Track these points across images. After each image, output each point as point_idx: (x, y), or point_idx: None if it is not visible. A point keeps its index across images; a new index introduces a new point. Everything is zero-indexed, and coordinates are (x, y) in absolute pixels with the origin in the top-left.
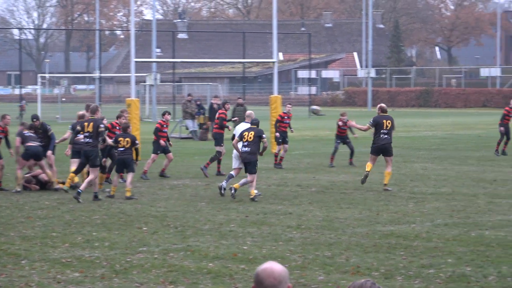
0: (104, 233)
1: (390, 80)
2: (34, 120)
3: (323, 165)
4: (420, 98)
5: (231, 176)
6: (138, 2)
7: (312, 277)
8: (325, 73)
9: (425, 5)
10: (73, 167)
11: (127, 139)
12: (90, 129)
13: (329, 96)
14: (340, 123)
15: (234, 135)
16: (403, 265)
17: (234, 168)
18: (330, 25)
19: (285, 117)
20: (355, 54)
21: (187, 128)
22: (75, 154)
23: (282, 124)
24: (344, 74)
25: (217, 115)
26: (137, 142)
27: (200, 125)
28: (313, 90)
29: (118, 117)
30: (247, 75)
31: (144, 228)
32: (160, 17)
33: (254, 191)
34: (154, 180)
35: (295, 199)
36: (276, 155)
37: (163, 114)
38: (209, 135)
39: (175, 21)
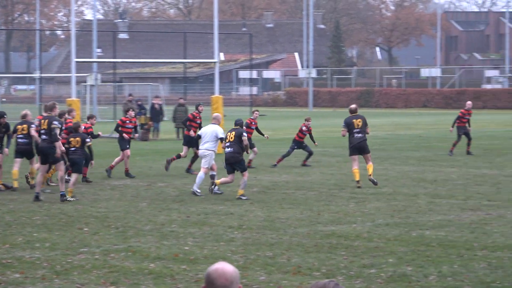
0: (44, 234)
1: (331, 81)
2: (4, 117)
3: (265, 165)
4: (361, 98)
5: (213, 175)
6: (79, 2)
7: (254, 277)
8: (266, 74)
9: (365, 6)
10: (16, 168)
11: (77, 138)
12: (45, 126)
13: (270, 97)
14: (304, 128)
15: (199, 136)
16: (344, 265)
17: (202, 167)
18: (271, 25)
19: (253, 123)
20: (296, 54)
21: None
22: (18, 154)
23: (249, 130)
24: (285, 75)
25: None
26: (87, 140)
27: (141, 125)
28: (254, 90)
29: (89, 118)
30: (188, 75)
31: (85, 229)
32: (100, 17)
33: (242, 190)
34: (95, 180)
35: (237, 199)
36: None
37: (127, 111)
38: (151, 135)
39: (116, 21)
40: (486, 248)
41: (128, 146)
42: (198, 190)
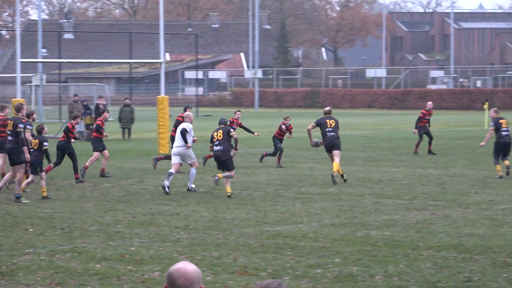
0: None
1: (277, 81)
2: None
3: (211, 166)
4: (307, 98)
5: (171, 174)
6: (24, 2)
7: None
8: (212, 74)
9: (311, 6)
10: None
11: (36, 140)
12: (10, 127)
13: (216, 97)
14: (283, 126)
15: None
16: (290, 265)
17: (173, 164)
18: (217, 25)
19: (234, 122)
20: (242, 54)
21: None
22: None
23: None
24: (231, 75)
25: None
26: (45, 144)
27: (87, 126)
28: (200, 90)
29: (75, 118)
30: (134, 76)
31: (31, 230)
32: (46, 17)
33: (229, 188)
34: (39, 182)
35: (183, 199)
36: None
37: (102, 113)
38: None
39: (61, 21)
40: (432, 248)
41: (101, 149)
42: (193, 186)
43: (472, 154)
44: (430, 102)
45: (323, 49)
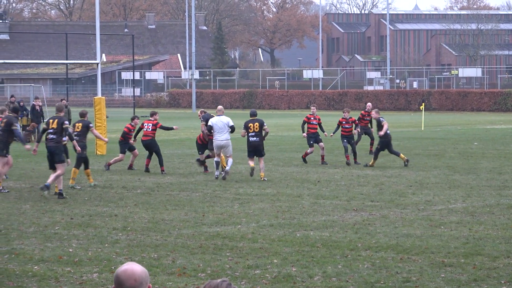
0: None
1: (214, 82)
2: None
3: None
4: (244, 99)
5: (218, 162)
6: None
7: None
8: (149, 75)
9: (247, 7)
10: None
11: None
12: (54, 125)
13: (154, 98)
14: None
15: (211, 126)
16: (229, 266)
17: (217, 154)
18: (153, 26)
19: (366, 115)
20: (178, 55)
21: None
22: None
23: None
24: (168, 76)
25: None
26: (64, 139)
27: (24, 127)
28: (137, 91)
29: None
30: (70, 77)
31: None
32: None
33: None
34: None
35: (121, 200)
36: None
37: (132, 119)
38: (33, 137)
39: None
40: (370, 249)
41: (126, 151)
42: (217, 173)
43: (409, 155)
44: (369, 103)
45: (260, 50)
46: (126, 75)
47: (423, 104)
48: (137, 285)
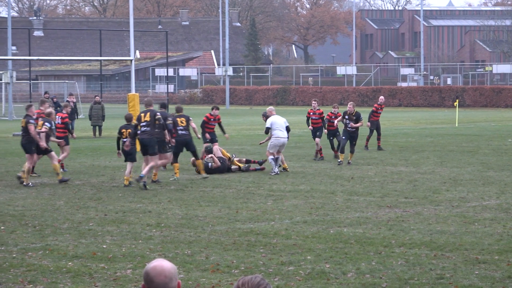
0: None
1: (248, 78)
2: None
3: (182, 163)
4: (278, 96)
5: (276, 159)
6: None
7: None
8: (183, 71)
9: (281, 4)
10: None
11: (129, 130)
12: (147, 118)
13: (187, 94)
14: None
15: (268, 128)
16: (262, 262)
17: (271, 153)
18: (187, 23)
19: (333, 116)
20: (212, 52)
21: None
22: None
23: (330, 122)
24: (201, 72)
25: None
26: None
27: None
28: (171, 88)
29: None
30: (104, 73)
31: (2, 228)
32: (15, 14)
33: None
34: (12, 179)
35: (155, 197)
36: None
37: (212, 109)
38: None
39: (30, 18)
40: (404, 245)
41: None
42: (276, 170)
43: (443, 151)
44: (382, 97)
45: (293, 47)
46: (160, 72)
47: (457, 100)
48: (167, 281)
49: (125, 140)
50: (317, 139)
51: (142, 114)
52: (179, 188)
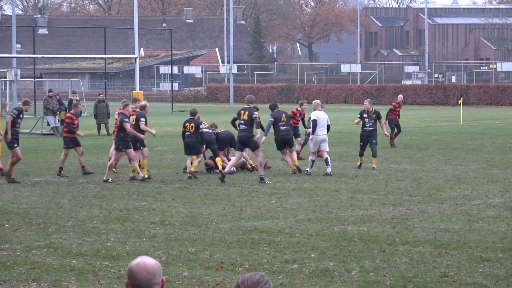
0: None
1: (252, 76)
2: None
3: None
4: (282, 94)
5: (313, 160)
6: None
7: (176, 273)
8: (187, 69)
9: (285, 2)
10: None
11: (192, 124)
12: (245, 117)
13: (191, 92)
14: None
15: (315, 120)
16: (266, 260)
17: (313, 152)
18: (191, 21)
19: (298, 114)
20: (216, 50)
21: (48, 124)
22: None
23: (294, 120)
24: (206, 70)
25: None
26: (201, 127)
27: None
28: (175, 86)
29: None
30: (109, 71)
31: (6, 225)
32: (20, 12)
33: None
34: (15, 176)
35: (159, 195)
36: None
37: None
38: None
39: (35, 16)
40: (408, 243)
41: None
42: (309, 170)
43: (447, 149)
44: (400, 95)
45: (297, 45)
46: (164, 70)
47: (461, 98)
48: (150, 277)
49: (188, 134)
50: (298, 139)
51: (242, 111)
52: (183, 186)
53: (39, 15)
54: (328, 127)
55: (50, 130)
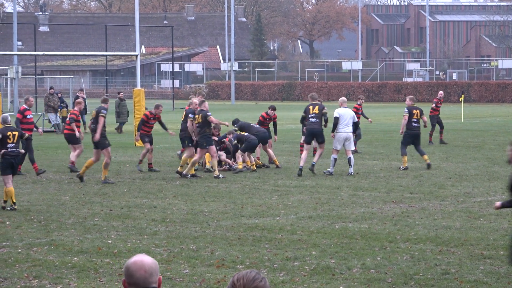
0: None
1: (253, 74)
2: None
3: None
4: (283, 91)
5: (336, 159)
6: None
7: (178, 271)
8: (188, 66)
9: None
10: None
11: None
12: (316, 111)
13: (193, 89)
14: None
15: (337, 118)
16: (268, 257)
17: (336, 150)
18: (192, 18)
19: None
20: (218, 47)
21: (49, 122)
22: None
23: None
24: (207, 67)
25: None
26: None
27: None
28: (177, 83)
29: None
30: (110, 68)
31: (7, 223)
32: (21, 9)
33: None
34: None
35: (160, 192)
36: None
37: (268, 109)
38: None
39: (36, 13)
40: (409, 241)
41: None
42: (330, 170)
43: (449, 146)
44: (441, 92)
45: (299, 42)
46: (165, 67)
47: (462, 95)
48: (147, 275)
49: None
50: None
51: (311, 107)
52: (184, 183)
53: (40, 13)
54: (355, 125)
55: (51, 127)
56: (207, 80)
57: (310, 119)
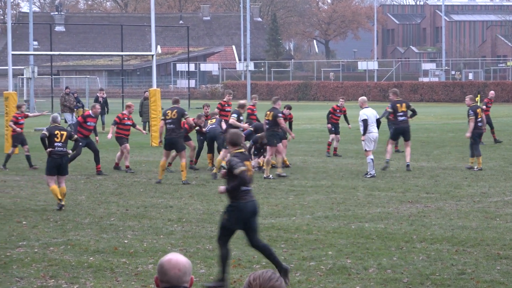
0: None
1: (269, 73)
2: None
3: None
4: (299, 91)
5: (373, 160)
6: None
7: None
8: (204, 66)
9: None
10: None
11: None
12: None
13: (208, 89)
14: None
15: (366, 120)
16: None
17: (370, 150)
18: (208, 18)
19: (338, 110)
20: (233, 47)
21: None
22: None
23: (334, 116)
24: (223, 67)
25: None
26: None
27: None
28: (192, 83)
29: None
30: (126, 68)
31: (24, 222)
32: (37, 9)
33: None
34: (33, 174)
35: (176, 192)
36: (329, 145)
37: (284, 107)
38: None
39: (52, 13)
40: (425, 241)
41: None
42: (372, 172)
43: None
44: (492, 91)
45: (314, 42)
46: (181, 67)
47: (478, 95)
48: (181, 274)
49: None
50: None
51: (398, 105)
52: (200, 183)
53: (56, 13)
54: (378, 123)
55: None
56: (223, 80)
57: (399, 118)
